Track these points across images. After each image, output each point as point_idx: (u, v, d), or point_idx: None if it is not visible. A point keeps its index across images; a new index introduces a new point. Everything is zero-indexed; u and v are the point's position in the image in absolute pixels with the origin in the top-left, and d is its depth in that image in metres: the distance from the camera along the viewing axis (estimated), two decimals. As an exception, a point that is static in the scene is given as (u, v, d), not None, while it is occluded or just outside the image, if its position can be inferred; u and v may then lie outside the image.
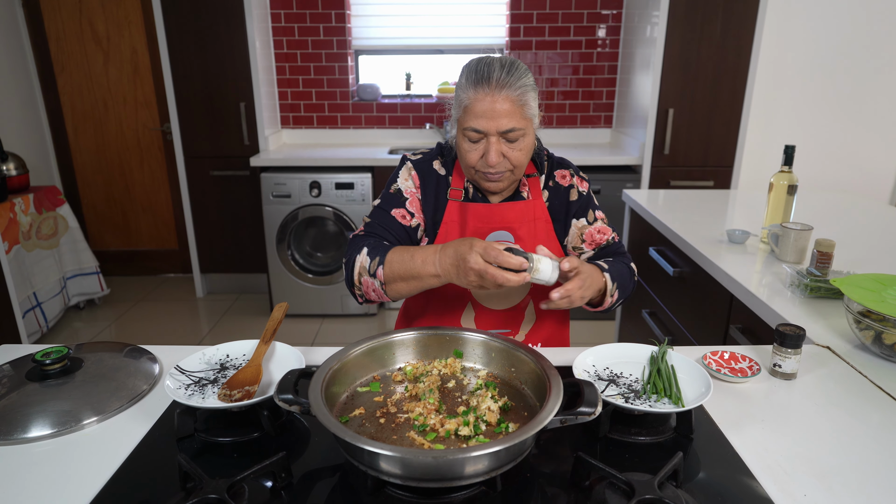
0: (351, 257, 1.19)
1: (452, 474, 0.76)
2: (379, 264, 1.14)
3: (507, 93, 1.13)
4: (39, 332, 3.10)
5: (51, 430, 0.94)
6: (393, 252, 1.15)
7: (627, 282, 1.28)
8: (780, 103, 3.55)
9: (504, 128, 1.14)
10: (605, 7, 3.59)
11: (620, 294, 1.25)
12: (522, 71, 1.16)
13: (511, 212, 1.28)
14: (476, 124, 1.15)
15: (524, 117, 1.16)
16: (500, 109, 1.13)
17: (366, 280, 1.16)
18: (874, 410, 1.02)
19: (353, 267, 1.18)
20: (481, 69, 1.14)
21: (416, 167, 1.32)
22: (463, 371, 1.06)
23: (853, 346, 1.24)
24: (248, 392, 0.96)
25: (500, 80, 1.12)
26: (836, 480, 0.84)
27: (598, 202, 1.40)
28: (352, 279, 1.19)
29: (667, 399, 0.97)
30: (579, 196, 1.34)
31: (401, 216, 1.27)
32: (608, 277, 1.20)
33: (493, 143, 1.15)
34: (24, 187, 3.20)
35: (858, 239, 1.90)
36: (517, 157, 1.18)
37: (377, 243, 1.20)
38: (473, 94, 1.14)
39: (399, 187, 1.30)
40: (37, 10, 3.55)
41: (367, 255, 1.16)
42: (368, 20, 3.70)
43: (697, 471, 0.86)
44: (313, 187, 3.25)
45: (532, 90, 1.16)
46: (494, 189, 1.24)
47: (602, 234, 1.35)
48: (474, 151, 1.19)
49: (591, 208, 1.36)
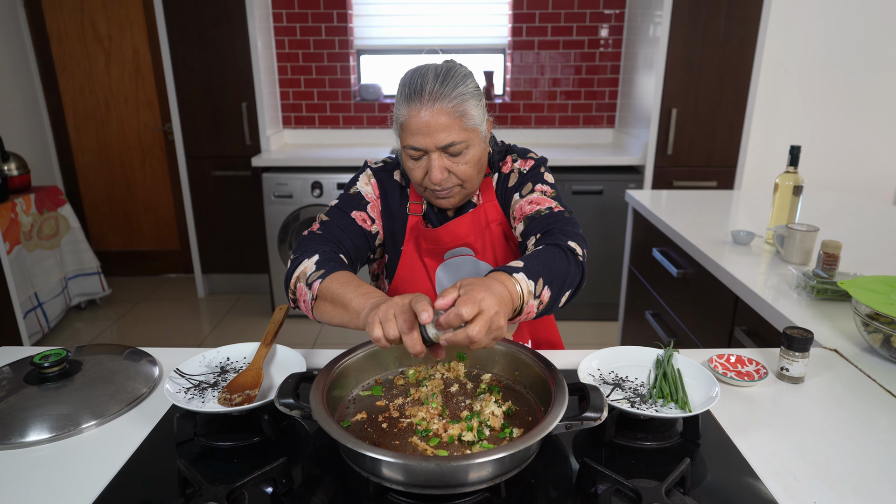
0: (300, 258, 1.08)
1: (456, 481, 0.74)
2: (320, 277, 1.01)
3: (442, 105, 1.05)
4: (41, 332, 3.10)
5: (49, 434, 0.92)
6: (341, 273, 1.02)
7: (563, 269, 1.00)
8: (785, 103, 3.53)
9: (443, 143, 1.07)
10: (608, 6, 3.57)
11: (557, 288, 0.98)
12: (459, 78, 1.08)
13: (460, 227, 1.21)
14: (413, 142, 1.08)
15: (464, 129, 1.08)
16: (436, 124, 1.06)
17: (301, 287, 1.04)
18: (883, 414, 1.00)
19: (296, 269, 1.07)
20: (414, 82, 1.07)
21: (375, 175, 1.26)
22: (466, 375, 1.04)
23: (861, 349, 1.22)
24: (249, 396, 0.95)
25: (433, 92, 1.05)
26: (846, 486, 0.82)
27: (600, 202, 1.34)
28: (289, 280, 1.07)
29: (673, 403, 0.96)
30: (519, 175, 1.23)
31: (361, 219, 1.21)
32: (521, 277, 0.92)
33: (434, 159, 1.09)
34: (25, 187, 3.19)
35: (865, 240, 1.88)
36: (463, 170, 1.11)
37: (332, 255, 1.08)
38: (407, 110, 1.07)
39: (359, 190, 1.24)
40: (38, 10, 3.54)
41: (315, 263, 1.05)
42: (370, 20, 3.69)
43: (705, 476, 0.84)
44: (315, 187, 3.24)
45: (472, 97, 1.09)
46: (447, 206, 1.19)
47: (535, 204, 1.16)
48: (418, 169, 1.12)
49: (532, 182, 1.21)
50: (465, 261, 1.25)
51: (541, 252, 1.01)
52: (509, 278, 0.91)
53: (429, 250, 1.24)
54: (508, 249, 1.27)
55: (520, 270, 0.93)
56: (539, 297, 0.95)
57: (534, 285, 0.93)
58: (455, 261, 1.25)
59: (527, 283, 0.92)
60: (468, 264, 1.25)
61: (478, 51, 3.76)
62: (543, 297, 0.96)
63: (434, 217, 1.26)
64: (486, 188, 1.25)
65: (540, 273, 0.95)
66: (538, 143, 3.79)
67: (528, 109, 3.80)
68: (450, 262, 1.26)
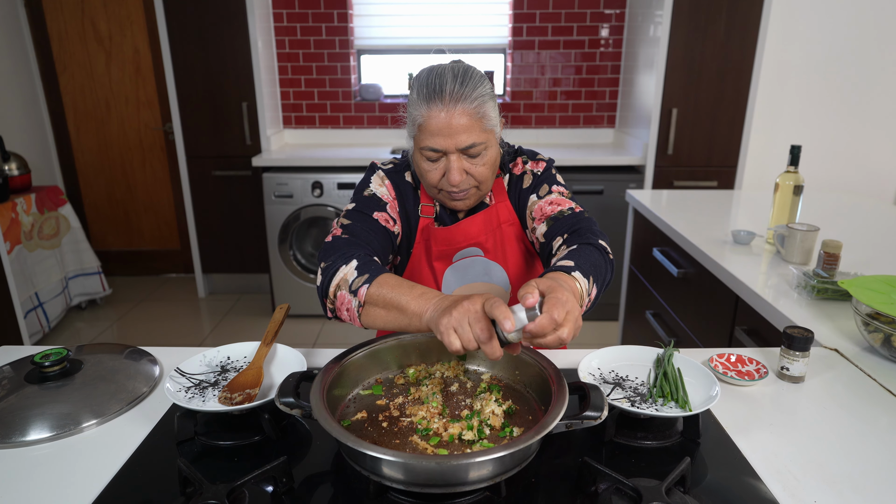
0: (334, 265, 1.02)
1: (456, 480, 0.74)
2: (366, 282, 0.97)
3: (464, 106, 1.05)
4: (41, 332, 3.10)
5: (50, 433, 0.93)
6: (388, 276, 0.98)
7: (603, 268, 1.03)
8: (785, 103, 3.53)
9: (463, 144, 1.07)
10: (609, 6, 3.57)
11: (599, 286, 1.01)
12: (478, 79, 1.07)
13: (472, 226, 1.21)
14: (433, 143, 1.07)
15: (484, 130, 1.08)
16: (458, 125, 1.05)
17: (342, 295, 0.99)
18: (884, 414, 1.00)
19: (334, 277, 1.01)
20: (432, 82, 1.06)
21: (388, 176, 1.24)
22: (466, 374, 1.04)
23: (861, 348, 1.22)
24: (249, 395, 0.95)
25: (454, 92, 1.04)
26: (846, 486, 0.82)
27: (600, 201, 1.35)
28: (327, 289, 1.02)
29: (673, 403, 0.96)
30: (533, 177, 1.23)
31: (384, 220, 1.18)
32: (578, 276, 0.95)
33: (453, 160, 1.08)
34: (26, 187, 3.20)
35: (865, 240, 1.88)
36: (481, 172, 1.11)
37: (369, 258, 1.04)
38: (427, 110, 1.06)
39: (374, 192, 1.21)
40: (39, 10, 3.54)
41: (356, 269, 1.00)
42: (371, 20, 3.69)
43: (705, 476, 0.84)
44: (315, 187, 3.24)
45: (490, 99, 1.09)
46: (461, 208, 1.18)
47: (555, 205, 1.16)
48: (435, 171, 1.12)
49: (547, 183, 1.21)
50: (475, 261, 1.25)
51: (583, 251, 1.02)
52: (570, 277, 0.92)
53: (438, 253, 1.24)
54: (518, 251, 1.27)
55: (576, 269, 0.95)
56: (590, 294, 0.97)
57: (587, 283, 0.96)
58: (464, 262, 1.25)
59: (583, 282, 0.95)
60: (478, 265, 1.25)
61: (478, 51, 3.76)
62: (592, 295, 0.98)
63: (446, 218, 1.26)
64: (497, 189, 1.25)
65: (590, 271, 0.98)
66: (539, 143, 3.79)
67: (528, 109, 3.80)
68: (458, 264, 1.25)
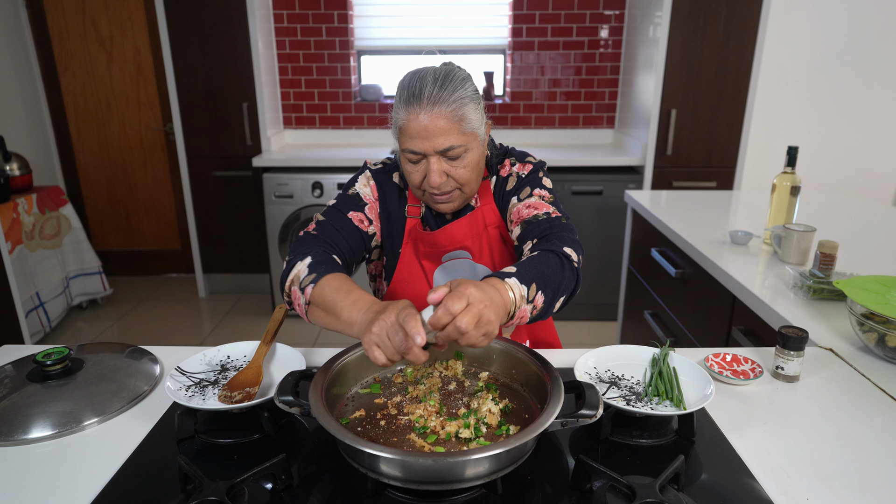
0: (294, 259, 1.07)
1: (453, 477, 0.75)
2: (312, 282, 1.00)
3: (441, 109, 1.05)
4: (42, 332, 3.11)
5: (52, 430, 0.94)
6: (332, 277, 1.00)
7: (557, 275, 1.01)
8: (784, 104, 3.54)
9: (441, 147, 1.07)
10: (608, 7, 3.58)
11: (551, 293, 0.99)
12: (458, 82, 1.08)
13: (458, 230, 1.22)
14: (412, 145, 1.09)
15: (463, 133, 1.08)
16: (435, 128, 1.06)
17: (294, 291, 1.03)
18: (877, 413, 1.01)
19: (290, 272, 1.05)
20: (413, 85, 1.07)
21: (374, 177, 1.26)
22: (464, 373, 1.05)
23: (856, 348, 1.23)
24: (249, 394, 0.96)
25: (431, 96, 1.05)
26: (838, 483, 0.83)
27: (599, 202, 1.34)
28: (284, 283, 1.06)
29: (668, 401, 0.97)
30: (518, 179, 1.22)
31: (358, 220, 1.20)
32: (513, 282, 0.93)
33: (433, 163, 1.09)
34: (27, 187, 3.21)
35: (862, 240, 1.89)
36: (462, 174, 1.12)
37: (324, 256, 1.07)
38: (406, 113, 1.07)
39: (357, 191, 1.24)
40: (40, 11, 3.55)
41: (308, 266, 1.03)
42: (371, 21, 3.70)
43: (699, 474, 0.85)
44: (315, 188, 3.25)
45: (471, 101, 1.09)
46: (446, 210, 1.19)
47: (532, 209, 1.16)
48: (417, 173, 1.13)
49: (530, 186, 1.20)
50: (463, 264, 1.26)
51: (535, 258, 1.01)
52: (501, 283, 0.91)
53: (427, 253, 1.25)
54: (506, 252, 1.27)
55: (512, 276, 0.94)
56: (532, 301, 0.95)
57: (526, 290, 0.94)
58: (452, 263, 1.26)
59: (519, 288, 0.93)
60: (465, 267, 1.26)
61: (478, 51, 3.77)
62: (537, 303, 0.96)
63: (432, 220, 1.27)
64: (483, 191, 1.25)
65: (533, 278, 0.96)
66: (538, 143, 3.80)
67: (528, 110, 3.81)
68: (447, 264, 1.26)
